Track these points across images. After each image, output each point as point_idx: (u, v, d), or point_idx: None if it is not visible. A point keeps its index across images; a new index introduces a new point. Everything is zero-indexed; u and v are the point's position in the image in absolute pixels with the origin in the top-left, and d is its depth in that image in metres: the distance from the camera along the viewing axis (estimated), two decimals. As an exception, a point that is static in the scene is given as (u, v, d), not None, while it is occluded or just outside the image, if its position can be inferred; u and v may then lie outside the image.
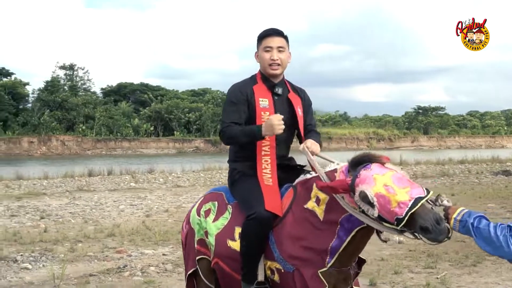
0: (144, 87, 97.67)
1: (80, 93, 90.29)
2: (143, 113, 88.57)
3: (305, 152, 4.45)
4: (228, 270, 4.58)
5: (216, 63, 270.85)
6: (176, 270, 8.96)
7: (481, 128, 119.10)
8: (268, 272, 4.32)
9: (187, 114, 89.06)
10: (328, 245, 4.01)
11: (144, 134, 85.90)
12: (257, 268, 4.33)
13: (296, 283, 4.08)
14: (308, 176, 4.40)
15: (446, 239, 3.46)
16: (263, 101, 4.63)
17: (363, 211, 3.69)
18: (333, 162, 4.28)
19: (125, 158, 62.81)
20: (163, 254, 10.10)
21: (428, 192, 3.55)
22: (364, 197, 3.59)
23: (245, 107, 4.62)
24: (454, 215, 3.43)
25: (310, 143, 4.52)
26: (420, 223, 3.40)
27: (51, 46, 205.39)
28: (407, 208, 3.43)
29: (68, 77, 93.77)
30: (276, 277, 4.26)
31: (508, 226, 3.27)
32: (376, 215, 3.59)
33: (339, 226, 3.98)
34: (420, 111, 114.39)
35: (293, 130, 4.81)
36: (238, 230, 4.46)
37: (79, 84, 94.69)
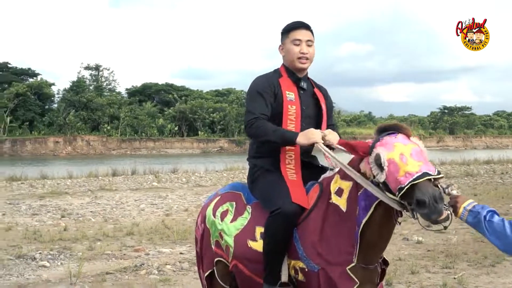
0: (169, 87, 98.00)
1: (105, 93, 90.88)
2: (168, 113, 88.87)
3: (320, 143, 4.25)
4: (247, 273, 4.43)
5: (240, 63, 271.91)
6: (192, 269, 8.95)
7: (508, 128, 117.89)
8: (292, 272, 4.17)
9: (211, 114, 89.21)
10: (353, 237, 3.88)
11: (168, 134, 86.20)
12: (281, 268, 4.19)
13: (322, 284, 3.93)
14: (334, 171, 4.25)
15: (442, 224, 3.43)
16: (290, 94, 4.52)
17: (373, 176, 3.63)
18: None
19: (150, 158, 63.10)
20: (180, 253, 10.11)
21: (439, 173, 3.48)
22: (377, 159, 3.55)
23: (272, 99, 4.49)
24: (464, 205, 3.38)
25: (328, 132, 4.37)
26: (417, 196, 3.32)
27: (76, 47, 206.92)
28: (411, 178, 3.37)
29: (94, 78, 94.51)
30: (300, 277, 4.10)
31: None
32: (382, 180, 3.53)
33: (358, 207, 3.86)
34: (446, 111, 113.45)
35: (318, 125, 4.62)
36: (259, 229, 4.33)
37: (104, 84, 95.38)
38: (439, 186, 3.49)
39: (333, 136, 4.33)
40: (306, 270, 4.03)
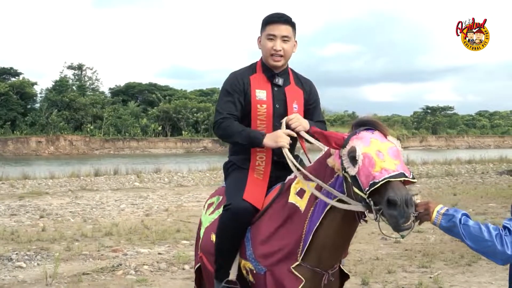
0: (152, 87, 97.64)
1: (88, 93, 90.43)
2: (151, 113, 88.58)
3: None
4: (209, 267, 4.42)
5: (225, 62, 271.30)
6: (169, 269, 8.94)
7: (490, 128, 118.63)
8: (244, 271, 4.10)
9: (195, 114, 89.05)
10: (300, 233, 3.79)
11: (152, 134, 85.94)
12: (230, 265, 4.11)
13: (268, 286, 3.85)
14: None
15: (401, 234, 3.28)
16: (260, 93, 4.33)
17: (343, 170, 3.47)
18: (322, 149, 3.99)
19: (133, 158, 62.91)
20: (159, 253, 10.08)
21: (414, 178, 3.31)
22: (352, 152, 3.36)
23: (241, 97, 4.34)
24: (437, 208, 3.28)
25: (295, 116, 4.21)
26: (389, 195, 3.11)
27: (59, 46, 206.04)
28: (388, 175, 3.19)
29: (77, 77, 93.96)
30: (250, 278, 4.04)
31: (503, 227, 3.20)
32: (353, 173, 3.34)
33: (312, 208, 3.77)
34: (429, 111, 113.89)
35: None
36: None
37: (88, 84, 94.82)
38: None
39: (300, 122, 4.19)
40: (254, 272, 3.98)
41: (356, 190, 3.36)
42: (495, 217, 13.03)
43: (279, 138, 4.09)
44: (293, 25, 4.42)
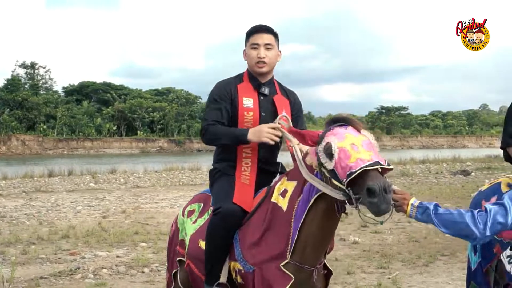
0: (107, 87, 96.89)
1: (41, 92, 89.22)
2: (106, 113, 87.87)
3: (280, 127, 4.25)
4: (197, 273, 4.46)
5: (181, 62, 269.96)
6: (129, 272, 8.86)
7: (443, 128, 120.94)
8: (233, 274, 4.16)
9: (150, 114, 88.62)
10: (288, 231, 3.86)
11: (107, 133, 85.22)
12: (221, 269, 4.19)
13: (256, 285, 3.89)
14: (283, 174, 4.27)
15: (386, 215, 3.34)
16: (247, 101, 4.46)
17: (320, 165, 3.57)
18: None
19: (87, 158, 62.29)
20: (117, 256, 9.98)
21: (389, 165, 3.44)
22: (327, 148, 3.48)
23: (228, 105, 4.45)
24: (411, 201, 3.41)
25: (284, 114, 4.38)
26: (368, 184, 3.22)
27: (11, 45, 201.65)
28: (364, 164, 3.30)
29: (29, 76, 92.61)
30: (239, 279, 4.09)
31: (471, 210, 3.33)
32: (330, 167, 3.45)
33: (296, 205, 3.85)
34: (383, 111, 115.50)
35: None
36: None
37: (40, 83, 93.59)
38: None
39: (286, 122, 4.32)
40: (243, 271, 4.02)
41: (335, 182, 3.46)
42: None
43: (262, 133, 4.20)
44: (275, 35, 4.61)
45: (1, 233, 12.25)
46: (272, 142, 4.22)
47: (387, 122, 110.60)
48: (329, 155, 3.47)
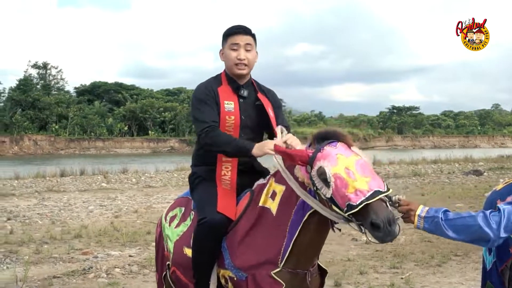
0: (118, 87, 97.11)
1: (53, 92, 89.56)
2: (117, 113, 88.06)
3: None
4: (184, 280, 4.43)
5: (191, 62, 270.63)
6: (141, 272, 8.88)
7: (455, 128, 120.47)
8: (223, 281, 4.12)
9: (162, 114, 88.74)
10: (281, 241, 3.80)
11: (118, 133, 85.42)
12: (209, 277, 4.14)
13: None
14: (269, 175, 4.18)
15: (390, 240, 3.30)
16: (229, 104, 4.36)
17: (316, 189, 3.49)
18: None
19: (99, 158, 62.32)
20: (130, 256, 10.01)
21: (388, 189, 3.33)
22: (322, 174, 3.38)
23: (215, 107, 4.33)
24: (418, 212, 3.32)
25: (290, 136, 4.07)
26: (372, 218, 3.16)
27: (23, 45, 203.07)
28: (364, 198, 3.20)
29: (41, 76, 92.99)
30: (230, 286, 4.05)
31: (482, 211, 3.24)
32: (329, 195, 3.36)
33: (291, 217, 3.78)
34: (395, 111, 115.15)
35: (260, 134, 4.56)
36: None
37: (52, 83, 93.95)
38: (386, 196, 3.37)
39: (295, 142, 4.05)
40: (235, 279, 3.98)
41: (336, 208, 3.41)
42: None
43: (266, 147, 4.03)
44: (253, 36, 4.51)
45: (14, 233, 12.30)
46: (274, 153, 3.98)
47: (399, 122, 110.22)
48: (325, 181, 3.38)
